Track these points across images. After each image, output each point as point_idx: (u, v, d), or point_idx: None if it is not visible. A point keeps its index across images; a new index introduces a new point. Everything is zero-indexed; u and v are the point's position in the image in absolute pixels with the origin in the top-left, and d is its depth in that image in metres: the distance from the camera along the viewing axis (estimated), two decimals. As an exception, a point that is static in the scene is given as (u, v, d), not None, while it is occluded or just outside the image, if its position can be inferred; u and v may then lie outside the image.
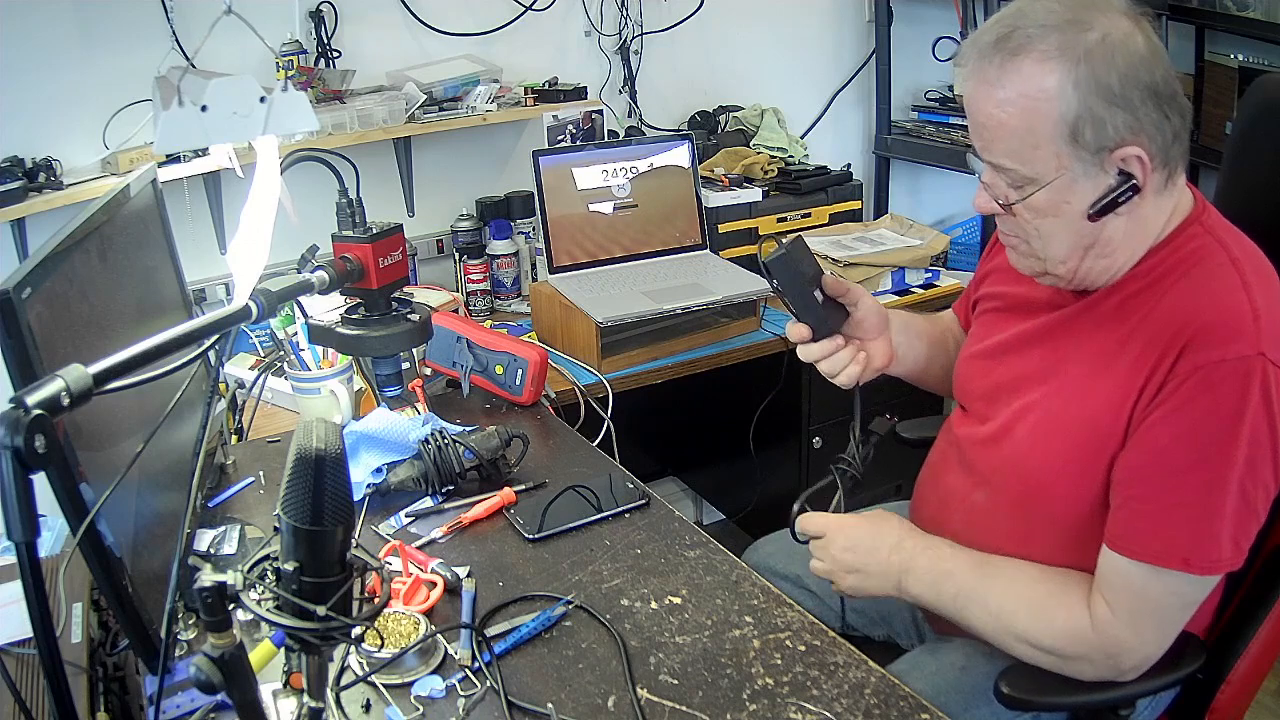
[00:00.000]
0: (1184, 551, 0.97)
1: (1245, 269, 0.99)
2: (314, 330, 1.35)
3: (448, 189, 2.35)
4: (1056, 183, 0.97)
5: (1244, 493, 0.96)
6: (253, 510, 1.40)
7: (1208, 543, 0.97)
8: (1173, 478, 0.97)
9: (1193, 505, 0.97)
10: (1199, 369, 0.95)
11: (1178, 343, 0.96)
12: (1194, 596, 1.02)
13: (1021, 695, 1.07)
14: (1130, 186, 0.96)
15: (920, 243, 2.27)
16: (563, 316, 1.98)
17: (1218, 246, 1.01)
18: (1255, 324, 0.95)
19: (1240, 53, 2.48)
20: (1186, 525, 0.97)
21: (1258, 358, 0.93)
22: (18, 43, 1.86)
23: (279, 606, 0.73)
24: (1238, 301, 0.96)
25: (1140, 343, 1.01)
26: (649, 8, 2.48)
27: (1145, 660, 1.04)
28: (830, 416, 2.20)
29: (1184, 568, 0.98)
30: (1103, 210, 0.97)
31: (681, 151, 2.19)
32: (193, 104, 1.13)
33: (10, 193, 1.76)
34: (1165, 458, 0.98)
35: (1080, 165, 0.96)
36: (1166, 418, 0.97)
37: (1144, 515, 1.00)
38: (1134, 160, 0.95)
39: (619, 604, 1.16)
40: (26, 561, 0.64)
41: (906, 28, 2.71)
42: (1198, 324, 0.96)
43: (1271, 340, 0.94)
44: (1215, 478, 0.96)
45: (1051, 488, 1.09)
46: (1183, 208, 1.04)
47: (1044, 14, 0.96)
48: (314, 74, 2.06)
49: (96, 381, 0.71)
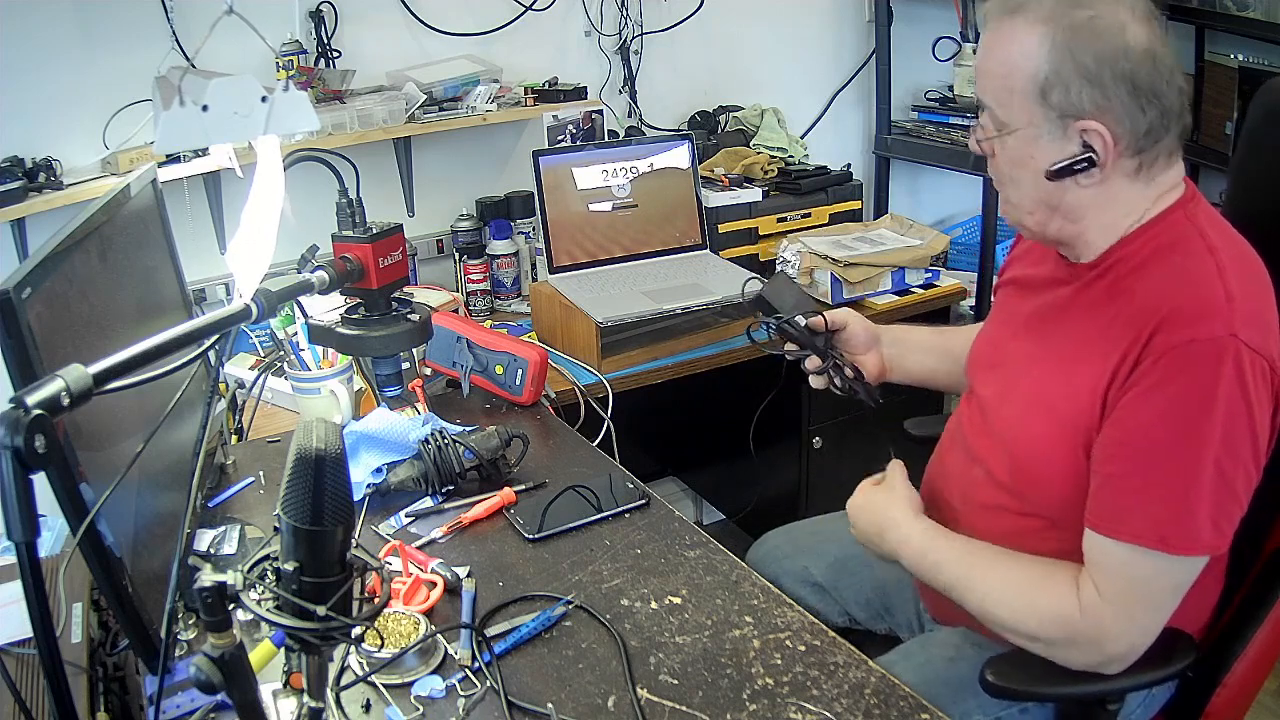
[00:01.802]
0: (1162, 530, 0.99)
1: (1221, 256, 1.01)
2: (314, 330, 1.35)
3: (448, 189, 2.35)
4: (1024, 133, 1.04)
5: (1222, 473, 0.97)
6: (253, 510, 1.40)
7: (1185, 522, 0.98)
8: (1148, 457, 0.99)
9: (1168, 484, 0.98)
10: (1172, 348, 0.97)
11: (1151, 324, 0.99)
12: (1178, 579, 1.02)
13: (1007, 685, 1.08)
14: (1087, 158, 1.02)
15: (920, 243, 2.27)
16: (563, 316, 1.98)
17: (1195, 233, 1.04)
18: (1228, 305, 0.97)
19: (1240, 53, 2.48)
20: (1162, 504, 0.99)
21: (1230, 338, 0.95)
22: (18, 43, 1.86)
23: (279, 606, 0.73)
24: (1210, 285, 0.99)
25: (1118, 325, 1.03)
26: (649, 8, 2.48)
27: (1131, 648, 1.04)
28: (830, 416, 2.20)
29: (1162, 546, 0.99)
30: (1059, 173, 1.04)
31: (681, 151, 2.19)
32: (193, 104, 1.13)
33: (10, 193, 1.76)
34: (1140, 437, 1.00)
35: (1047, 125, 1.02)
36: (1141, 397, 0.99)
37: (1121, 494, 1.01)
38: (1096, 135, 1.01)
39: (619, 604, 1.16)
40: (26, 561, 0.64)
41: (906, 28, 2.71)
42: (1170, 305, 0.98)
43: (1244, 322, 0.96)
44: (1190, 457, 0.97)
45: (1036, 467, 1.11)
46: (1170, 197, 1.07)
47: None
48: (314, 74, 2.06)
49: (96, 381, 0.71)
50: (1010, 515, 1.16)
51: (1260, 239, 1.07)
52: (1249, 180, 1.31)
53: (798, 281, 1.30)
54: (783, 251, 2.22)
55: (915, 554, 1.17)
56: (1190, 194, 1.08)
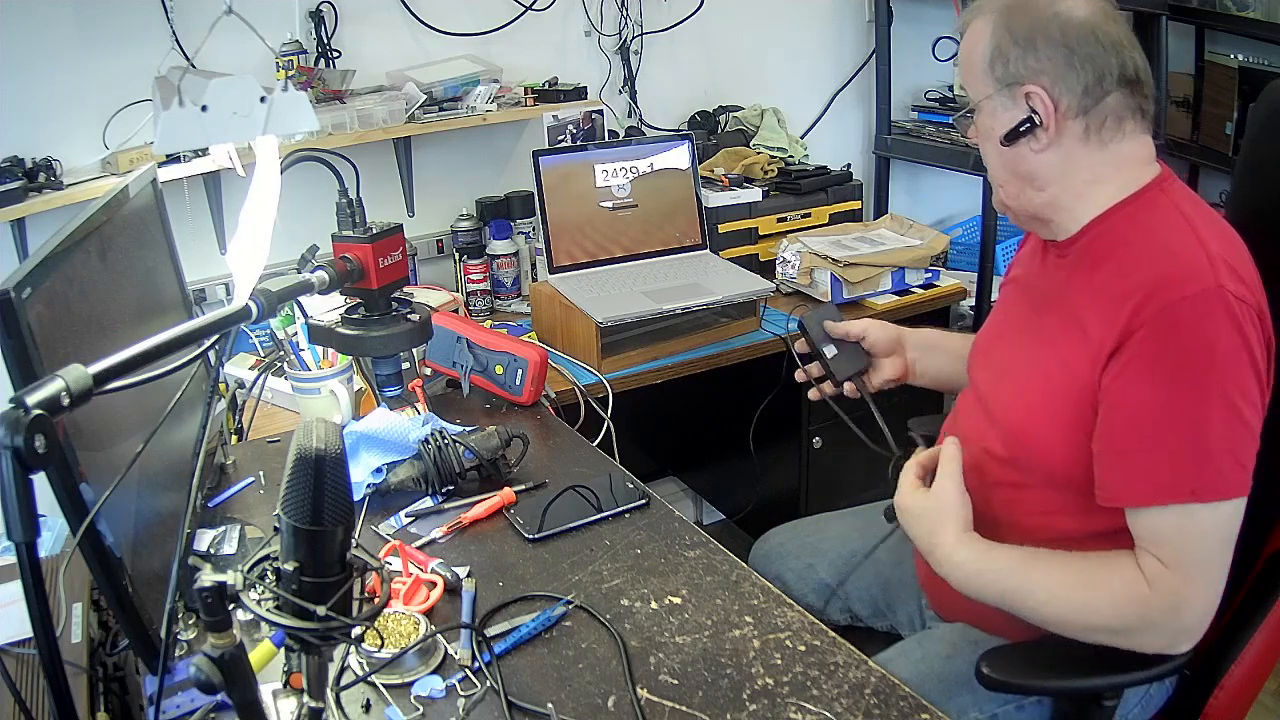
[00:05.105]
0: (1190, 482, 1.00)
1: (1198, 224, 1.06)
2: (314, 330, 1.35)
3: (448, 189, 2.35)
4: (984, 106, 1.14)
5: (1233, 409, 0.99)
6: (253, 510, 1.40)
7: (1207, 468, 1.00)
8: (1160, 424, 1.01)
9: (1183, 437, 1.00)
10: (1161, 311, 1.00)
11: (1138, 296, 1.02)
12: (1225, 529, 1.02)
13: (1003, 678, 1.08)
14: (1029, 119, 1.10)
15: (920, 243, 2.27)
16: (563, 316, 1.98)
17: (1171, 207, 1.09)
18: (1211, 264, 1.00)
19: (1240, 53, 2.49)
20: (1183, 457, 1.00)
21: (1217, 289, 0.99)
22: (18, 43, 1.86)
23: (279, 606, 0.73)
24: (1192, 249, 1.03)
25: (1106, 299, 1.06)
26: (649, 8, 2.48)
27: (1206, 611, 1.04)
28: (830, 416, 2.19)
29: (1192, 498, 1.00)
30: (1010, 137, 1.12)
31: (681, 151, 2.19)
32: (193, 104, 1.13)
33: (10, 193, 1.76)
34: (1148, 410, 1.02)
35: (999, 96, 1.12)
36: (1142, 368, 1.02)
37: (1141, 459, 1.03)
38: (1036, 98, 1.09)
39: (619, 604, 1.16)
40: (26, 561, 0.64)
41: (906, 28, 2.71)
42: (1155, 275, 1.02)
43: (1229, 276, 1.00)
44: (1197, 406, 0.99)
45: (1033, 435, 1.14)
46: (1143, 174, 1.12)
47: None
48: (314, 74, 2.06)
49: (96, 381, 0.71)
50: (1008, 489, 1.18)
51: (1262, 239, 1.07)
52: (1251, 181, 1.31)
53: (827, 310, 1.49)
54: (783, 251, 2.22)
55: (966, 576, 1.14)
56: (1166, 174, 1.13)
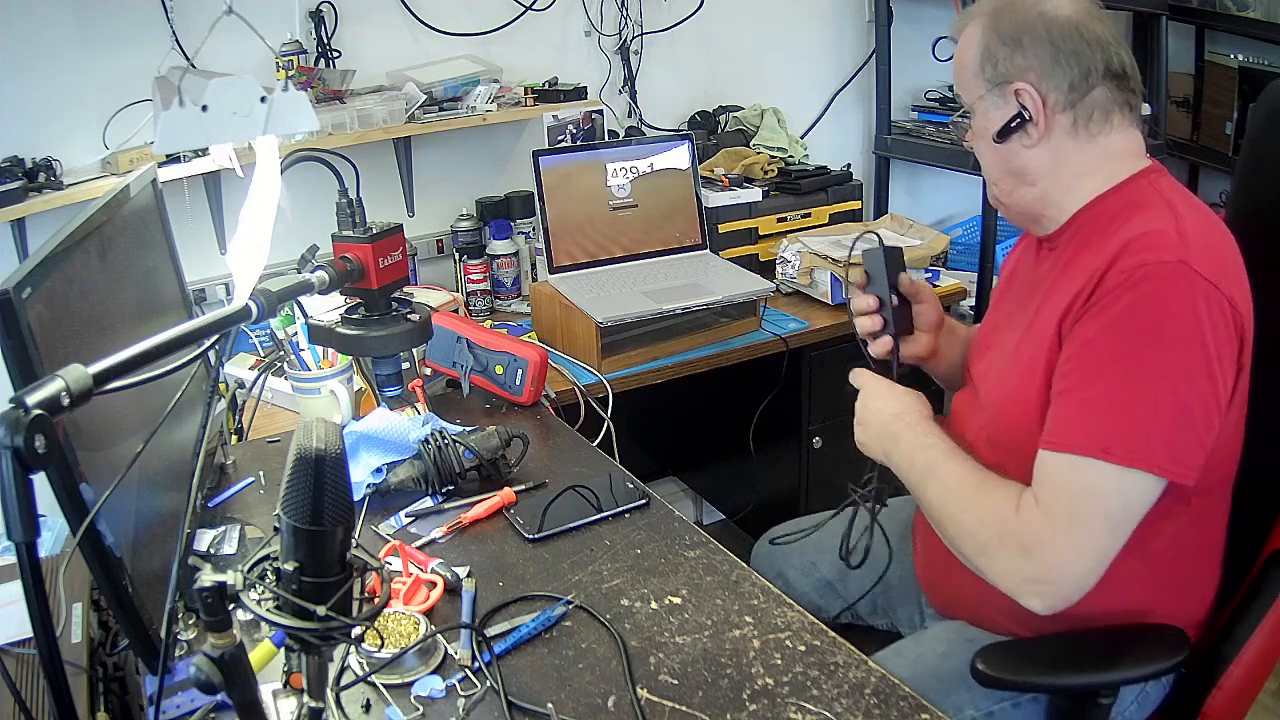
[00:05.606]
0: (1104, 440, 1.00)
1: (1179, 208, 1.07)
2: (314, 330, 1.35)
3: (448, 189, 2.35)
4: (977, 107, 1.17)
5: (1175, 396, 0.99)
6: (253, 510, 1.40)
7: (1130, 433, 0.99)
8: (1094, 368, 1.02)
9: (1113, 394, 1.00)
10: (1123, 272, 1.02)
11: (1105, 261, 1.04)
12: (1125, 498, 1.01)
13: (998, 674, 1.08)
14: (1019, 115, 1.13)
15: (920, 243, 2.27)
16: (563, 316, 1.98)
17: (1156, 194, 1.10)
18: (1180, 240, 1.01)
19: (1240, 53, 2.49)
20: (1107, 414, 1.01)
21: (1179, 264, 0.99)
22: (18, 43, 1.86)
23: (279, 606, 0.73)
24: (1165, 224, 1.04)
25: (1075, 269, 1.08)
26: (649, 8, 2.48)
27: (1063, 569, 1.03)
28: (830, 416, 2.20)
29: (1104, 455, 1.00)
30: (1003, 134, 1.14)
31: (681, 151, 2.19)
32: (193, 104, 1.13)
33: (10, 193, 1.76)
34: (1088, 350, 1.03)
35: (990, 95, 1.15)
36: (1092, 317, 1.03)
37: (1067, 408, 1.04)
38: (1025, 94, 1.12)
39: (619, 604, 1.16)
40: (26, 561, 0.64)
41: (906, 28, 2.71)
42: (1124, 241, 1.04)
43: (1198, 256, 1.00)
44: (1135, 370, 1.00)
45: (1013, 415, 1.14)
46: (1131, 165, 1.14)
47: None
48: (314, 74, 2.06)
49: (96, 381, 0.70)
50: (994, 472, 1.18)
51: (1262, 239, 1.08)
52: (1251, 181, 1.31)
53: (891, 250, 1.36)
54: (783, 252, 2.22)
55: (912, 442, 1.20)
56: (1155, 167, 1.14)
